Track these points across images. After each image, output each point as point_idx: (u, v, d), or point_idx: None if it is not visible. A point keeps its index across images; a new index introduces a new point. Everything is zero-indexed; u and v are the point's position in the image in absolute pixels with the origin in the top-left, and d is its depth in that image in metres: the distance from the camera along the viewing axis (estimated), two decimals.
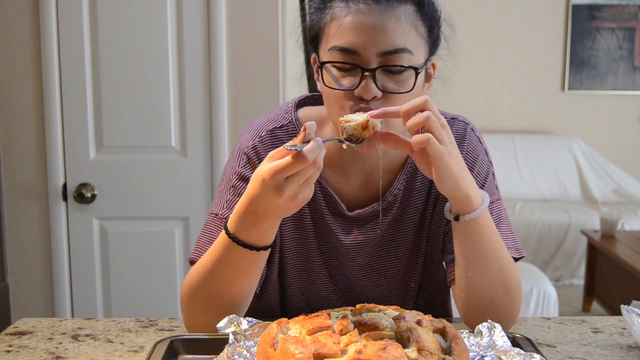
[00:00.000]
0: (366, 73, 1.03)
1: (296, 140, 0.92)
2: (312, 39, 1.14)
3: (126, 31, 2.29)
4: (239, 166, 1.19)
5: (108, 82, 2.31)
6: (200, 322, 1.10)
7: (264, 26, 2.31)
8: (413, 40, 1.05)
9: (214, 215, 1.19)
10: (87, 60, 2.30)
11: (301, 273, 1.24)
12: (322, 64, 1.07)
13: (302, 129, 0.92)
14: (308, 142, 0.92)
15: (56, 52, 2.28)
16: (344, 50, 1.04)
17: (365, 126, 1.00)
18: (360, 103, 1.04)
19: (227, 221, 1.05)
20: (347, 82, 1.05)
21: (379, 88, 1.03)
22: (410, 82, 1.05)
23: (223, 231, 1.04)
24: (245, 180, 1.17)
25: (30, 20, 2.27)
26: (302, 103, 1.26)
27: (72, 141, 2.34)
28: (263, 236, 1.02)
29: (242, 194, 1.12)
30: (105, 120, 2.33)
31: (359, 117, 1.01)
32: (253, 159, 1.18)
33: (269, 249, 1.05)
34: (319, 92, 1.22)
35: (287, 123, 1.21)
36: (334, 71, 1.06)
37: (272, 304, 1.27)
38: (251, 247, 1.02)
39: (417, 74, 1.06)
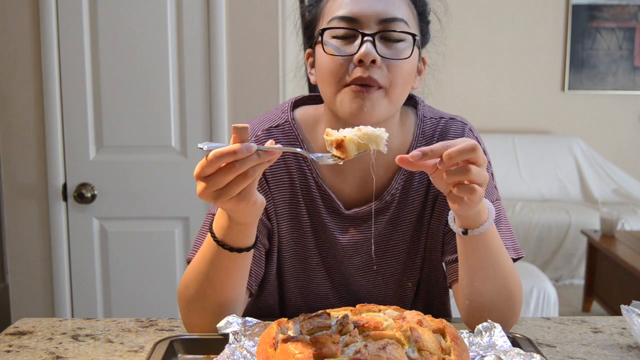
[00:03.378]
0: (366, 38, 1.06)
1: (232, 140, 0.87)
2: (307, 27, 1.16)
3: (126, 31, 2.29)
4: None
5: (108, 82, 2.31)
6: (195, 321, 1.10)
7: (264, 26, 2.31)
8: (408, 16, 1.11)
9: (211, 215, 1.19)
10: (87, 60, 2.30)
11: (299, 272, 1.24)
12: (322, 30, 1.10)
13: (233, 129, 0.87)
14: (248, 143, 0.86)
15: (56, 52, 2.28)
16: (344, 19, 1.08)
17: (339, 144, 0.91)
18: (360, 73, 1.05)
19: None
20: (346, 50, 1.08)
21: (378, 53, 1.06)
22: (408, 51, 1.09)
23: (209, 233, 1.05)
24: None
25: (30, 20, 2.27)
26: (298, 103, 1.26)
27: (72, 141, 2.34)
28: (237, 238, 1.01)
29: None
30: (105, 120, 2.33)
31: (342, 133, 0.92)
32: None
33: (249, 251, 1.04)
34: (315, 92, 1.22)
35: (283, 122, 1.21)
36: (334, 41, 1.09)
37: (271, 303, 1.27)
38: (231, 249, 1.02)
39: (414, 41, 1.10)
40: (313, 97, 1.27)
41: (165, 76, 2.31)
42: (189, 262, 1.17)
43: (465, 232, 1.04)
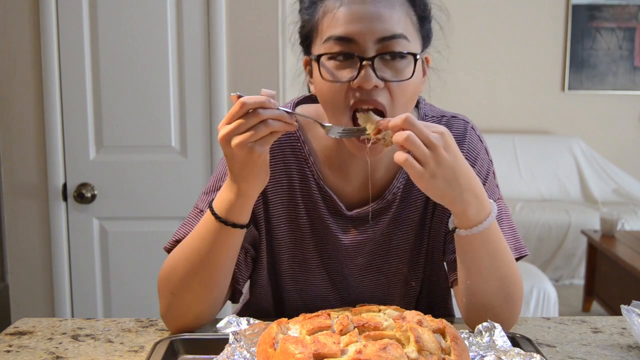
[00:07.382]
0: (365, 62, 1.01)
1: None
2: (304, 39, 1.13)
3: (126, 31, 2.29)
4: None
5: (108, 82, 2.31)
6: (178, 303, 1.11)
7: (264, 26, 2.31)
8: (408, 28, 1.05)
9: (197, 209, 1.20)
10: (87, 60, 2.30)
11: (298, 275, 1.24)
12: (318, 56, 1.05)
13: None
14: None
15: (56, 52, 2.28)
16: (340, 39, 1.02)
17: (379, 131, 1.01)
18: (360, 95, 1.02)
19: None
20: (344, 74, 1.03)
21: (378, 77, 1.02)
22: (409, 70, 1.04)
23: (208, 209, 1.07)
24: None
25: (30, 20, 2.27)
26: (300, 102, 1.26)
27: (72, 141, 2.34)
28: (238, 213, 1.05)
29: None
30: (105, 120, 2.33)
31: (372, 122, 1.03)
32: None
33: (243, 230, 1.08)
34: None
35: None
36: (331, 64, 1.04)
37: (265, 307, 1.27)
38: (233, 225, 1.06)
39: (415, 60, 1.05)
40: (314, 98, 1.27)
41: (165, 76, 2.31)
42: (168, 251, 1.17)
43: (454, 230, 1.04)
